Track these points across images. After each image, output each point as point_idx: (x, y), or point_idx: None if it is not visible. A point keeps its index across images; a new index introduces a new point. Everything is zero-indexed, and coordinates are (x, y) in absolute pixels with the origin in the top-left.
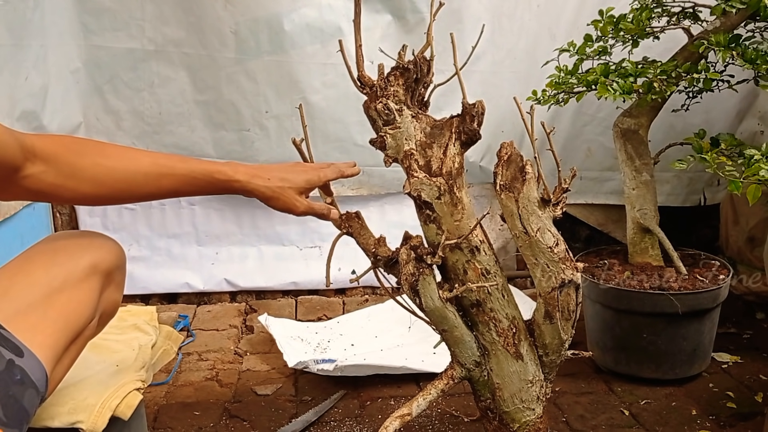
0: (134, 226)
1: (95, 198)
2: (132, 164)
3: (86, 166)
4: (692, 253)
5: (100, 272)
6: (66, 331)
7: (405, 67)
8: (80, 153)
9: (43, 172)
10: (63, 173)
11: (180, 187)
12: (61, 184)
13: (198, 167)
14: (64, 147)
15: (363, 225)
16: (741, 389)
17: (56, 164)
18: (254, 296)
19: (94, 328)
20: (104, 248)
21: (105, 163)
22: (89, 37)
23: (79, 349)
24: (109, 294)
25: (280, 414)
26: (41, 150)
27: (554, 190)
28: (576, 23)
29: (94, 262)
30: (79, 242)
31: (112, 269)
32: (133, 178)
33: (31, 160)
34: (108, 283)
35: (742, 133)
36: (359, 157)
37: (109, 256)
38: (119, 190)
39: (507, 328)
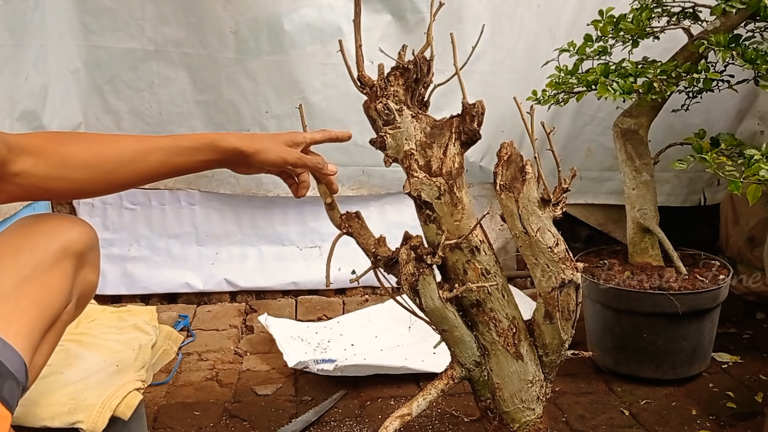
0: (134, 226)
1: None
2: (118, 145)
3: (74, 152)
4: (692, 253)
5: (71, 255)
6: (41, 319)
7: (405, 67)
8: (65, 142)
9: (33, 166)
10: (52, 163)
11: (169, 159)
12: (52, 174)
13: (183, 137)
14: (48, 139)
15: (363, 225)
16: (741, 389)
17: (44, 155)
18: (254, 296)
19: (72, 312)
20: (74, 230)
21: (91, 147)
22: (89, 37)
23: (58, 334)
24: (85, 276)
25: (280, 414)
26: (27, 145)
27: (554, 190)
28: (576, 23)
29: (64, 245)
30: (46, 226)
31: (84, 250)
32: (121, 157)
33: (18, 155)
34: (81, 265)
35: (742, 133)
36: (359, 157)
37: (79, 238)
38: (110, 172)
39: (507, 328)
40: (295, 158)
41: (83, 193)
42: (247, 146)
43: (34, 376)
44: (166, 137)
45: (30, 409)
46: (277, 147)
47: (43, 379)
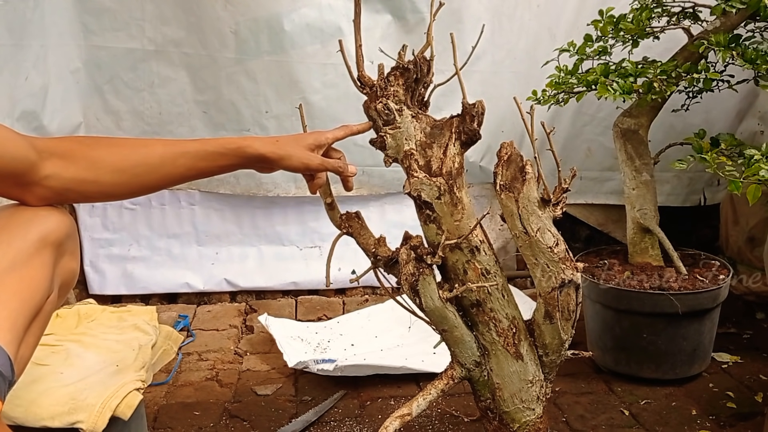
0: (134, 226)
1: (118, 187)
2: (146, 149)
3: (102, 156)
4: (692, 253)
5: (50, 244)
6: (24, 311)
7: (405, 67)
8: (93, 145)
9: (63, 169)
10: (81, 166)
11: (196, 164)
12: (82, 177)
13: (210, 142)
14: (77, 142)
15: (363, 225)
16: (741, 389)
17: (73, 158)
18: (254, 296)
19: (55, 301)
20: (50, 219)
21: (120, 150)
22: (89, 37)
23: (42, 325)
24: (65, 264)
25: (280, 414)
26: (55, 148)
27: (554, 190)
28: (576, 23)
29: (42, 235)
30: (22, 217)
31: (63, 239)
32: (149, 161)
33: (47, 158)
34: (61, 254)
35: (742, 133)
36: (359, 157)
37: (56, 226)
38: (139, 175)
39: (507, 328)
40: (318, 164)
41: (114, 195)
42: (271, 152)
43: (20, 369)
44: (192, 142)
45: (30, 409)
46: (300, 152)
47: (44, 379)
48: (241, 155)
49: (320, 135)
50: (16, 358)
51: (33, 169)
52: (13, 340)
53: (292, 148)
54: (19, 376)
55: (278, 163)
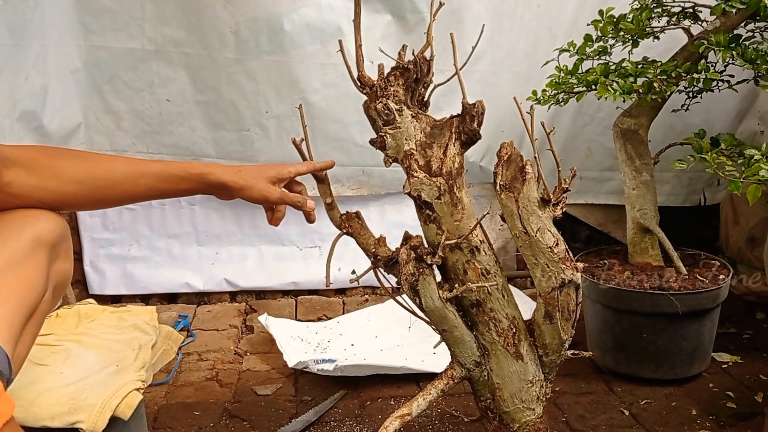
0: (134, 226)
1: (79, 198)
2: (109, 164)
3: (65, 167)
4: (692, 253)
5: (44, 245)
6: (20, 309)
7: (405, 67)
8: (57, 156)
9: (24, 176)
10: (43, 175)
11: (157, 185)
12: (43, 186)
13: (173, 165)
14: (40, 152)
15: (363, 225)
16: (741, 389)
17: (35, 167)
18: (254, 296)
19: (50, 301)
20: (43, 220)
21: (83, 163)
22: (89, 37)
23: (37, 324)
24: (59, 265)
25: (280, 414)
26: (18, 156)
27: (554, 190)
28: (576, 23)
29: (36, 236)
30: (15, 219)
31: (57, 240)
32: (111, 176)
33: (9, 166)
34: (55, 255)
35: (742, 133)
36: (359, 157)
37: (50, 227)
38: (100, 189)
39: (507, 328)
40: (277, 197)
41: (73, 206)
42: (232, 181)
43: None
44: (156, 162)
45: (30, 409)
46: (260, 184)
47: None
48: (202, 181)
49: (283, 168)
50: (13, 356)
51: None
52: (11, 338)
53: (253, 179)
54: (16, 374)
55: (238, 192)
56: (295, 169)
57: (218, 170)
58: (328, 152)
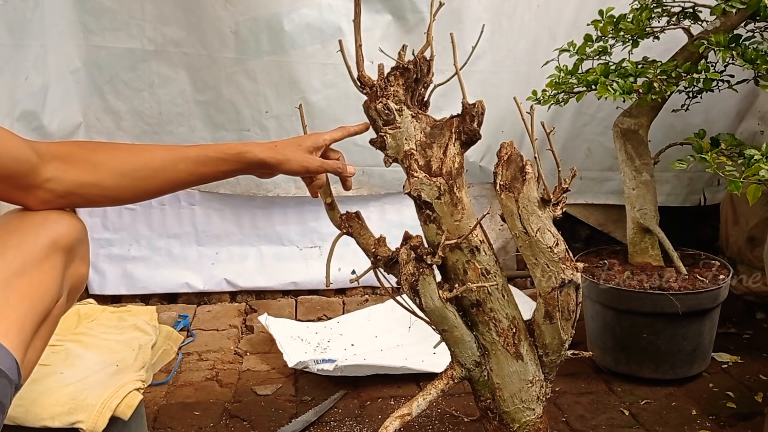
0: (134, 226)
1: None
2: (147, 153)
3: (103, 159)
4: (692, 253)
5: (60, 249)
6: (32, 315)
7: (405, 67)
8: (95, 149)
9: (63, 171)
10: (82, 169)
11: (197, 169)
12: (83, 180)
13: (210, 147)
14: (77, 146)
15: (363, 225)
16: (741, 389)
17: (74, 161)
18: (254, 296)
19: (63, 306)
20: (61, 223)
21: (121, 154)
22: (89, 37)
23: (50, 329)
24: (75, 269)
25: (280, 414)
26: (56, 152)
27: (554, 190)
28: (576, 23)
29: (53, 239)
30: (33, 220)
31: (73, 244)
32: (151, 165)
33: (48, 161)
34: (71, 259)
35: (742, 133)
36: (359, 157)
37: (68, 231)
38: (141, 179)
39: (507, 328)
40: (317, 166)
41: (117, 199)
42: (271, 157)
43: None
44: (193, 147)
45: (30, 409)
46: (299, 156)
47: (44, 379)
48: (241, 161)
49: (318, 137)
50: (23, 362)
51: (34, 171)
52: (21, 344)
53: (291, 152)
54: (26, 379)
55: (278, 168)
56: (330, 136)
57: (256, 148)
58: None
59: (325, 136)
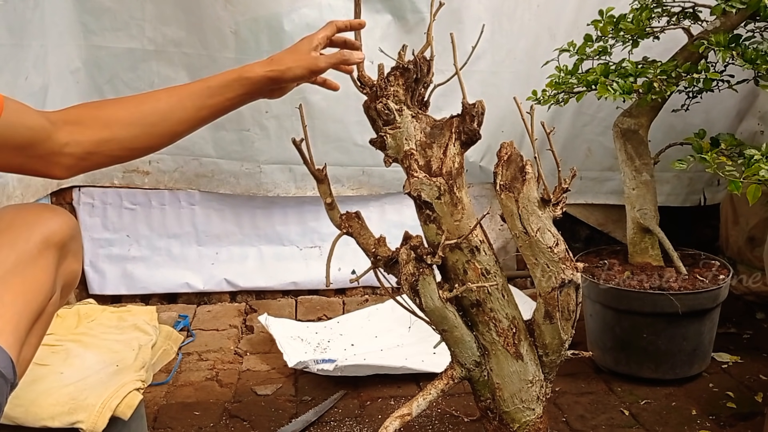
0: (134, 226)
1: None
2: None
3: (111, 114)
4: (692, 253)
5: (53, 246)
6: (26, 313)
7: (405, 67)
8: (100, 107)
9: (77, 134)
10: (95, 127)
11: (205, 102)
12: (98, 138)
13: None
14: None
15: (363, 225)
16: (741, 389)
17: (85, 122)
18: (254, 296)
19: (57, 302)
20: (54, 220)
21: (126, 106)
22: (89, 37)
23: (44, 326)
24: (68, 265)
25: (280, 414)
26: (66, 116)
27: (554, 190)
28: (576, 23)
29: (45, 237)
30: (26, 218)
31: (66, 240)
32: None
33: (61, 127)
34: (64, 256)
35: (742, 133)
36: (359, 157)
37: (60, 228)
38: (153, 125)
39: (507, 328)
40: (324, 63)
41: (136, 149)
42: (271, 70)
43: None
44: (196, 83)
45: (30, 409)
46: (301, 60)
47: (44, 379)
48: (244, 83)
49: (311, 38)
50: (18, 360)
51: (50, 138)
52: (16, 342)
53: (290, 60)
54: (21, 377)
55: (282, 79)
56: (323, 33)
57: (254, 67)
58: (328, 152)
59: (318, 34)
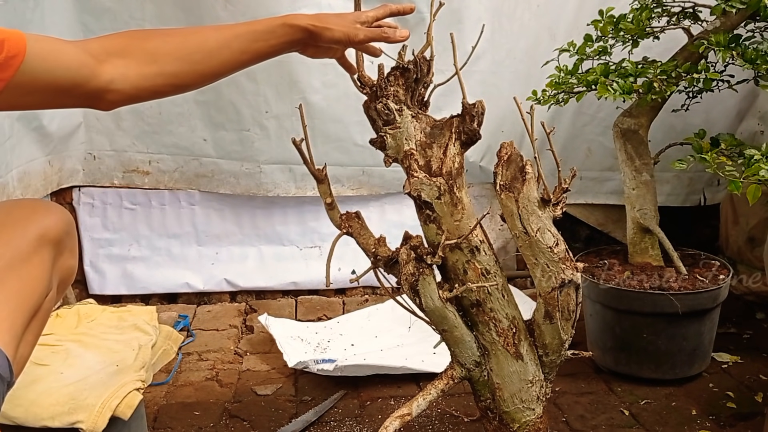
0: (134, 226)
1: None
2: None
3: (158, 47)
4: (692, 253)
5: (48, 242)
6: (22, 310)
7: (405, 67)
8: (146, 38)
9: (125, 68)
10: (141, 61)
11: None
12: (146, 72)
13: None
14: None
15: (363, 225)
16: (741, 389)
17: (131, 54)
18: (254, 296)
19: (54, 299)
20: (49, 217)
21: (174, 39)
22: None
23: (41, 323)
24: (63, 261)
25: (280, 414)
26: (111, 47)
27: (554, 190)
28: (576, 23)
29: (40, 233)
30: (20, 214)
31: (61, 236)
32: (206, 47)
33: (105, 61)
34: (60, 252)
35: (742, 133)
36: (359, 157)
37: (55, 224)
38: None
39: (507, 328)
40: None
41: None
42: (312, 24)
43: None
44: (241, 25)
45: (30, 409)
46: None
47: (44, 379)
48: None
49: (360, 13)
50: (14, 358)
51: (95, 76)
52: (12, 340)
53: (333, 21)
54: (18, 375)
55: (321, 36)
56: (374, 13)
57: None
58: (328, 152)
59: (368, 13)
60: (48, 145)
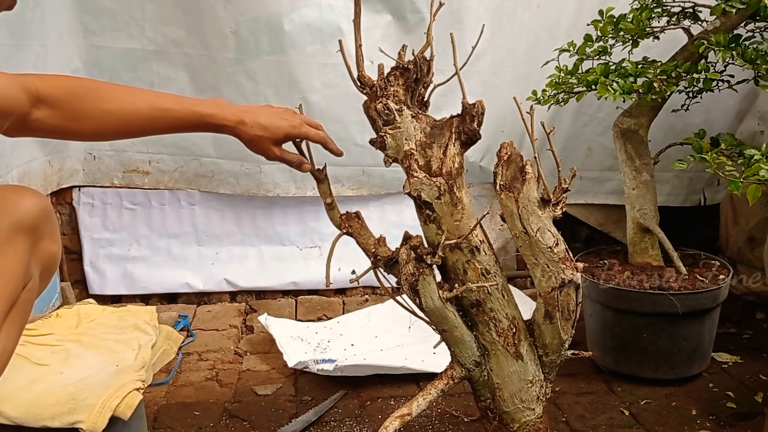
0: (134, 226)
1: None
2: (130, 108)
3: (88, 110)
4: (692, 253)
5: (23, 230)
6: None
7: (405, 67)
8: (82, 97)
9: (47, 116)
10: (66, 116)
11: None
12: (64, 126)
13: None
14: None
15: (363, 225)
16: (741, 389)
17: (60, 108)
18: (254, 296)
19: (36, 288)
20: (23, 203)
21: (105, 107)
22: (89, 37)
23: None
24: (43, 248)
25: (280, 414)
26: (45, 95)
27: (554, 190)
28: (576, 23)
29: (14, 221)
30: None
31: (37, 222)
32: (131, 122)
33: (36, 105)
34: (38, 238)
35: (742, 133)
36: (359, 157)
37: (30, 210)
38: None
39: (507, 328)
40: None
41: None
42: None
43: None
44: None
45: (30, 409)
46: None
47: (44, 379)
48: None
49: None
50: None
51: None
52: None
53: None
54: (3, 368)
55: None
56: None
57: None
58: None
59: (302, 130)
60: (48, 144)
